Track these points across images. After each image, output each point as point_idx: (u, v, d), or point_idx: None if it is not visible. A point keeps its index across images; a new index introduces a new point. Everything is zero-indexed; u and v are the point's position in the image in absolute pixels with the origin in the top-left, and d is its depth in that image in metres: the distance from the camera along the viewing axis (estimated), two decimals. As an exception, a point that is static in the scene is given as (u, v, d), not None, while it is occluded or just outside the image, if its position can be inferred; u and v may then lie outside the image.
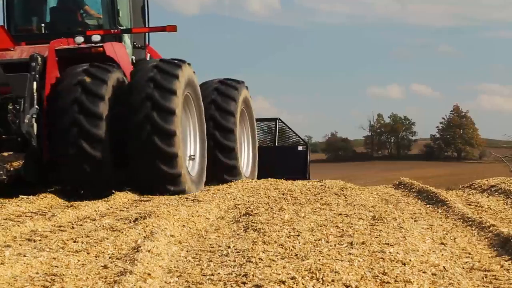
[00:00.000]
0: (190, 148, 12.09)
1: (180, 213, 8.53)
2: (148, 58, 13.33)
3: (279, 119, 18.01)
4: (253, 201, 10.06)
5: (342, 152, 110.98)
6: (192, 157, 12.15)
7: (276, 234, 6.92)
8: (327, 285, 5.04)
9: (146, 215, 8.24)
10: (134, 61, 12.70)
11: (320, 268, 5.32)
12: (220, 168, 13.26)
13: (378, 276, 5.29)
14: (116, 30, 12.24)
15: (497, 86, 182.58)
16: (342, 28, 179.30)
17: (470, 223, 7.88)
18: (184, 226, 7.99)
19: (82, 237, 7.19)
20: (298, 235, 6.89)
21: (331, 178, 13.17)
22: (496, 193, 10.74)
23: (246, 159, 14.87)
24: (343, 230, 7.26)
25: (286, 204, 9.26)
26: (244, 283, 5.04)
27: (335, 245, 6.45)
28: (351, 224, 7.63)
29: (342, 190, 10.96)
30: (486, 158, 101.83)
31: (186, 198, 10.58)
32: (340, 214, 8.38)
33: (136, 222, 7.95)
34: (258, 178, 14.87)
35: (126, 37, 12.69)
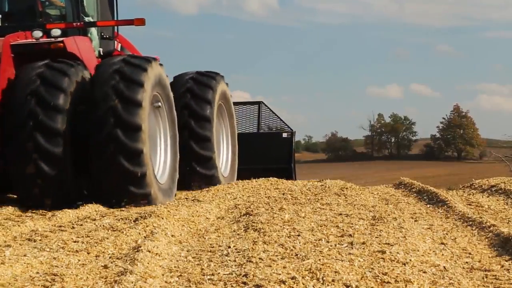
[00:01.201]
0: (160, 155, 10.93)
1: (180, 213, 8.53)
2: (119, 48, 12.45)
3: (262, 103, 16.76)
4: (253, 201, 10.06)
5: (342, 152, 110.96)
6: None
7: (276, 234, 6.92)
8: (328, 285, 5.04)
9: (146, 215, 8.24)
10: (101, 53, 11.75)
11: (321, 268, 5.32)
12: (193, 159, 12.37)
13: (378, 276, 5.29)
14: (79, 23, 11.17)
15: (496, 86, 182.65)
16: (341, 27, 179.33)
17: (471, 223, 7.88)
18: (184, 226, 7.99)
19: (83, 237, 7.19)
20: (299, 235, 6.89)
21: (331, 178, 13.16)
22: (497, 193, 10.74)
23: (224, 157, 13.82)
24: (343, 230, 7.26)
25: (286, 204, 9.26)
26: (244, 283, 5.04)
27: (335, 245, 6.45)
28: (352, 224, 7.63)
29: (343, 190, 10.96)
30: (487, 158, 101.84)
31: (186, 198, 10.58)
32: (341, 214, 8.38)
33: (136, 222, 7.95)
34: (239, 167, 14.30)
35: (93, 28, 11.66)
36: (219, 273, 5.44)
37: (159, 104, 10.82)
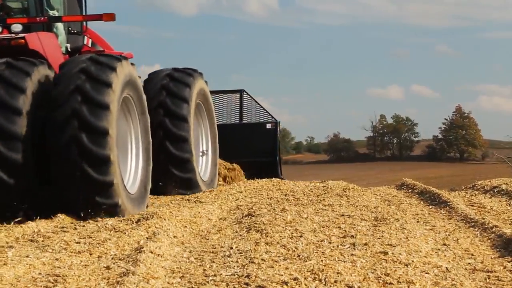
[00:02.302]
0: (131, 162, 9.95)
1: (182, 214, 8.54)
2: (89, 44, 11.60)
3: (245, 91, 15.63)
4: (256, 202, 10.06)
5: (344, 153, 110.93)
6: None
7: (278, 235, 6.92)
8: (330, 286, 5.04)
9: (149, 216, 8.25)
10: (69, 49, 10.87)
11: (323, 269, 5.32)
12: (170, 162, 11.54)
13: (380, 277, 5.28)
14: (43, 18, 10.22)
15: (496, 87, 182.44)
16: (341, 28, 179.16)
17: (473, 224, 7.88)
18: (186, 227, 8.00)
19: (85, 238, 7.19)
20: (301, 236, 6.89)
21: (333, 179, 13.16)
22: (499, 194, 10.73)
23: (204, 160, 12.93)
24: (345, 231, 7.26)
25: (288, 205, 9.26)
26: (246, 284, 5.04)
27: (337, 246, 6.45)
28: (354, 225, 7.63)
29: (345, 191, 10.96)
30: (489, 159, 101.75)
31: (188, 199, 10.58)
32: (343, 215, 8.37)
33: (139, 223, 7.96)
34: (220, 159, 13.71)
35: (59, 23, 10.73)
36: (221, 274, 5.44)
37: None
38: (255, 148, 14.87)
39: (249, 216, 8.45)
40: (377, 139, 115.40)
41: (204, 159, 12.90)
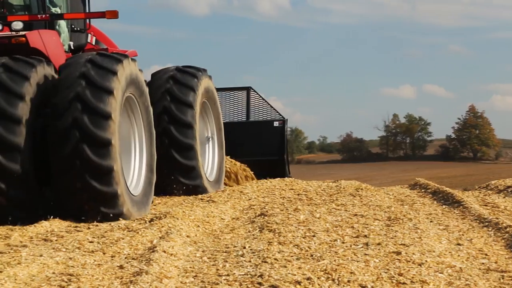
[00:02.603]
0: (134, 164, 9.70)
1: (195, 213, 8.55)
2: (93, 42, 11.36)
3: (252, 88, 15.25)
4: (268, 202, 10.06)
5: (357, 153, 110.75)
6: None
7: (291, 235, 6.91)
8: (343, 285, 5.04)
9: (162, 215, 8.26)
10: (72, 47, 10.62)
11: (336, 269, 5.32)
12: (176, 170, 11.35)
13: (394, 277, 5.28)
14: (44, 16, 9.92)
15: (510, 86, 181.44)
16: (354, 28, 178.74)
17: (487, 223, 7.84)
18: (199, 226, 8.01)
19: (98, 237, 7.21)
20: (314, 236, 6.88)
21: (346, 179, 13.13)
22: (513, 193, 10.67)
23: (210, 161, 12.62)
24: (358, 230, 7.25)
25: (301, 205, 9.26)
26: (259, 283, 5.04)
27: (350, 246, 6.44)
28: (367, 224, 7.62)
29: (358, 191, 10.93)
30: (503, 158, 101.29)
31: (201, 199, 10.59)
32: (356, 214, 8.36)
33: (152, 222, 7.97)
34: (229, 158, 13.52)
35: (62, 20, 10.44)
36: (234, 273, 5.44)
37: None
38: (262, 147, 14.59)
39: (262, 216, 8.45)
40: (390, 138, 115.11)
41: (210, 158, 12.61)
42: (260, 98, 15.19)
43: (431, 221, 8.23)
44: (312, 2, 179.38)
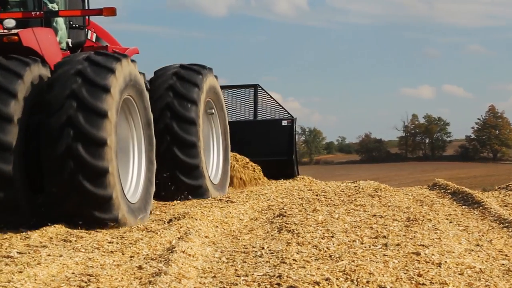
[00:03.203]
0: (133, 169, 9.19)
1: (214, 214, 8.56)
2: (94, 39, 10.98)
3: (259, 86, 14.70)
4: (287, 202, 10.05)
5: (376, 153, 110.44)
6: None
7: (310, 235, 6.91)
8: (362, 286, 5.02)
9: (180, 216, 8.28)
10: (70, 45, 10.12)
11: (355, 270, 5.30)
12: (178, 168, 10.75)
13: (413, 277, 5.26)
14: (38, 13, 9.45)
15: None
16: (372, 28, 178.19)
17: (507, 224, 7.80)
18: (218, 227, 8.02)
19: (117, 237, 7.24)
20: (332, 236, 6.87)
21: (365, 179, 13.10)
22: (533, 194, 10.61)
23: (215, 163, 11.95)
24: (377, 231, 7.23)
25: (319, 205, 9.24)
26: (278, 284, 5.04)
27: (369, 247, 6.42)
28: (386, 225, 7.60)
29: (376, 191, 10.91)
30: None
31: (220, 199, 10.60)
32: (375, 215, 8.34)
33: (170, 223, 7.99)
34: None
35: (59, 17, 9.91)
36: (253, 274, 5.44)
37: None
38: (270, 146, 14.05)
39: (281, 216, 8.45)
40: (409, 139, 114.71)
41: (215, 160, 11.96)
42: (268, 96, 14.73)
43: (450, 222, 8.19)
44: (330, 2, 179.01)
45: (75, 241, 7.15)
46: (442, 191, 11.47)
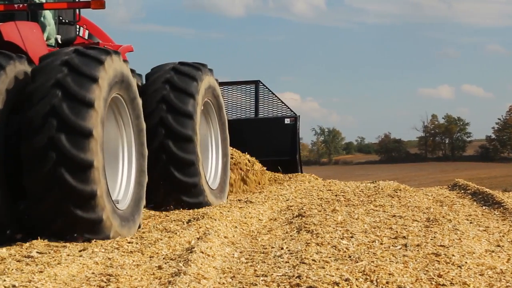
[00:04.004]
0: (122, 170, 8.40)
1: (233, 214, 8.57)
2: (86, 36, 10.40)
3: (260, 82, 13.98)
4: (306, 203, 10.04)
5: (395, 153, 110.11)
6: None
7: (329, 236, 6.89)
8: (382, 287, 5.00)
9: (199, 216, 8.29)
10: (59, 41, 9.40)
11: (374, 270, 5.29)
12: (172, 163, 9.84)
13: (433, 278, 5.23)
14: (21, 5, 8.86)
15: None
16: (391, 28, 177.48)
17: (528, 225, 7.74)
18: (237, 227, 8.02)
19: (137, 238, 7.26)
20: (352, 237, 6.85)
21: (384, 180, 13.06)
22: (555, 194, 10.52)
23: (213, 166, 11.05)
24: (397, 232, 7.20)
25: (339, 206, 9.22)
26: (297, 284, 5.03)
27: (389, 247, 6.40)
28: (405, 226, 7.57)
29: (396, 192, 10.87)
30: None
31: (239, 199, 10.61)
32: (394, 215, 8.31)
33: (190, 223, 8.01)
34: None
35: (47, 11, 9.24)
36: (272, 274, 5.44)
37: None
38: (273, 146, 13.40)
39: (300, 217, 8.44)
40: (428, 139, 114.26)
41: (214, 165, 11.08)
42: (270, 92, 14.01)
43: (470, 222, 8.14)
44: (349, 2, 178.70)
45: (95, 241, 7.18)
46: (462, 191, 11.41)
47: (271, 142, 13.48)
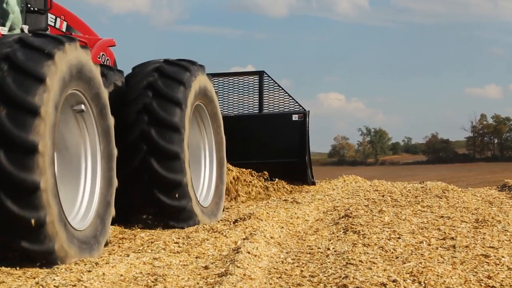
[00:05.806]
0: (83, 186, 7.01)
1: (279, 215, 8.56)
2: (64, 28, 9.23)
3: (265, 73, 12.54)
4: (353, 203, 9.99)
5: (443, 154, 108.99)
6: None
7: (376, 237, 6.84)
8: (430, 288, 4.95)
9: (246, 217, 8.30)
10: (27, 32, 7.99)
11: (422, 271, 5.23)
12: (155, 185, 8.42)
13: (482, 280, 5.16)
14: None
15: None
16: (437, 27, 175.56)
17: None
18: (283, 228, 8.01)
19: (183, 238, 7.30)
20: (399, 238, 6.80)
21: (432, 180, 12.93)
22: None
23: (206, 180, 9.56)
24: (445, 233, 7.12)
25: (386, 206, 9.15)
26: (344, 285, 5.00)
27: (437, 248, 6.33)
28: (454, 227, 7.48)
29: (444, 192, 10.75)
30: None
31: (285, 200, 10.59)
32: (442, 216, 8.22)
33: (236, 223, 8.02)
34: (234, 162, 11.38)
35: None
36: (318, 275, 5.42)
37: (82, 107, 6.87)
38: (279, 146, 12.08)
39: (346, 217, 8.39)
40: (477, 139, 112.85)
41: (207, 178, 9.59)
42: (276, 85, 12.54)
43: (521, 223, 8.01)
44: (393, 2, 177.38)
45: (141, 241, 7.23)
46: (511, 192, 11.24)
47: (277, 141, 12.17)
